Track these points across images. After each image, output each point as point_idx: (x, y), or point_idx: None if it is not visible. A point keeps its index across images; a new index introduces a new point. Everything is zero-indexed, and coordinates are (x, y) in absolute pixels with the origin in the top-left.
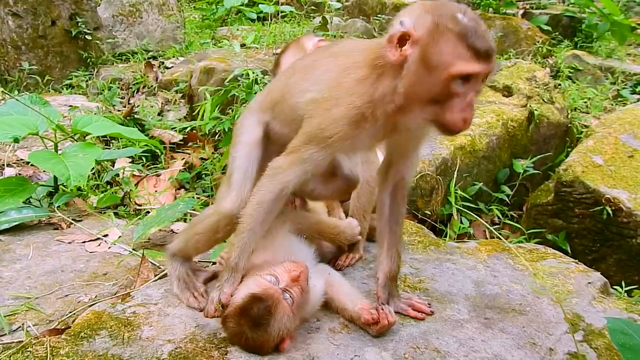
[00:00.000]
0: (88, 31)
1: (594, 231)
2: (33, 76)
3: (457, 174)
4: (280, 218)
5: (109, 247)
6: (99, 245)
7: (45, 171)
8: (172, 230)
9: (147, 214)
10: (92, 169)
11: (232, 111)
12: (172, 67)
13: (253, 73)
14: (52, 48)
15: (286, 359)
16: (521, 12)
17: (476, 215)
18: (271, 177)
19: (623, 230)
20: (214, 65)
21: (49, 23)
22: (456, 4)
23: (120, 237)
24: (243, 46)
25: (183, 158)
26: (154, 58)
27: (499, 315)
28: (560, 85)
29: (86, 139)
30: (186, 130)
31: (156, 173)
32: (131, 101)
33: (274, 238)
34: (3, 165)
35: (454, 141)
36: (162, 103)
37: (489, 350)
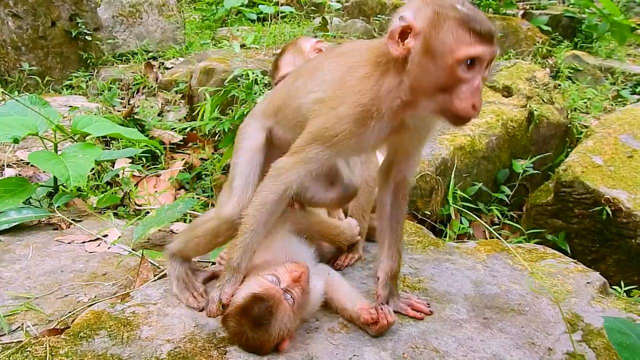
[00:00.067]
0: (88, 32)
1: (594, 231)
2: (33, 77)
3: (457, 174)
4: (280, 218)
5: (109, 248)
6: (99, 245)
7: (45, 172)
8: (172, 230)
9: (147, 214)
10: (92, 170)
11: (232, 111)
12: (172, 68)
13: (253, 73)
14: (52, 49)
15: (285, 359)
16: (521, 13)
17: (476, 215)
18: (274, 178)
19: (622, 230)
20: (214, 65)
21: (49, 24)
22: None
23: (119, 238)
24: (243, 47)
25: (183, 158)
26: (154, 59)
27: (498, 315)
28: (560, 85)
29: (86, 140)
30: (186, 130)
31: (156, 173)
32: (131, 102)
33: (274, 238)
34: (3, 165)
35: (454, 141)
36: (162, 103)
37: (488, 350)
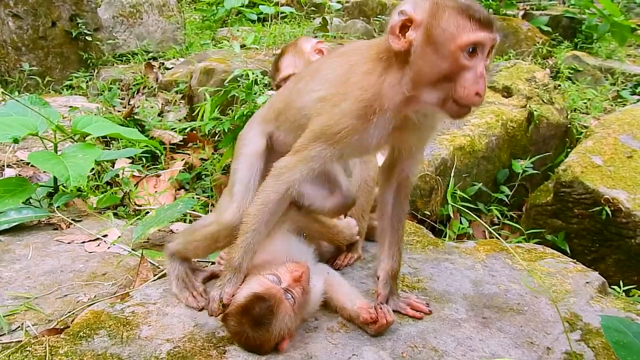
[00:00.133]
0: (88, 32)
1: (593, 231)
2: (33, 77)
3: (457, 175)
4: (280, 218)
5: (108, 247)
6: (98, 245)
7: (45, 172)
8: (172, 230)
9: (147, 215)
10: (92, 170)
11: (232, 112)
12: (172, 68)
13: (253, 74)
14: (53, 49)
15: (284, 358)
16: (521, 13)
17: (476, 215)
18: (276, 177)
19: (622, 230)
20: (214, 66)
21: (50, 24)
22: None
23: (119, 237)
24: (243, 47)
25: (183, 159)
26: (154, 59)
27: (497, 314)
28: (560, 86)
29: (86, 140)
30: (186, 130)
31: (156, 174)
32: (131, 102)
33: (274, 238)
34: (3, 165)
35: (454, 141)
36: (162, 104)
37: (487, 349)
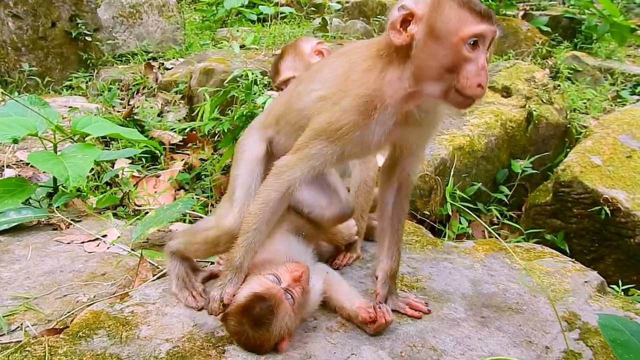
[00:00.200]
0: (88, 32)
1: (593, 231)
2: (33, 77)
3: (456, 174)
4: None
5: (108, 248)
6: (98, 245)
7: (44, 172)
8: (171, 230)
9: (146, 215)
10: (92, 170)
11: (232, 112)
12: (172, 68)
13: (252, 74)
14: (52, 49)
15: (284, 358)
16: (521, 14)
17: (475, 215)
18: (277, 176)
19: (621, 230)
20: (214, 66)
21: (49, 24)
22: None
23: (119, 238)
24: (242, 47)
25: (182, 159)
26: (154, 59)
27: (496, 313)
28: (559, 86)
29: (85, 140)
30: (186, 131)
31: (155, 174)
32: (131, 102)
33: (273, 238)
34: (3, 166)
35: (453, 141)
36: (162, 104)
37: (485, 348)
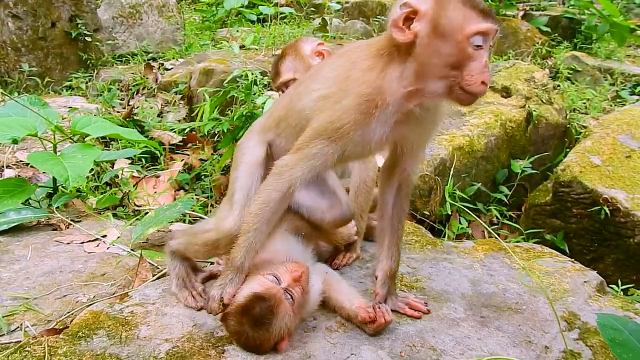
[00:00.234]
0: (88, 33)
1: (592, 231)
2: (33, 78)
3: (456, 175)
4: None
5: (108, 248)
6: (98, 245)
7: (44, 172)
8: (171, 230)
9: (146, 215)
10: (91, 170)
11: (231, 112)
12: (172, 69)
13: (252, 74)
14: (52, 50)
15: (283, 358)
16: (521, 14)
17: (475, 215)
18: (278, 175)
19: (621, 230)
20: (213, 66)
21: (49, 25)
22: None
23: (118, 238)
24: (242, 47)
25: (182, 159)
26: (154, 59)
27: (495, 313)
28: (559, 86)
29: (85, 140)
30: (185, 131)
31: (155, 174)
32: (131, 102)
33: (272, 238)
34: (2, 166)
35: (453, 141)
36: (162, 104)
37: (485, 348)
